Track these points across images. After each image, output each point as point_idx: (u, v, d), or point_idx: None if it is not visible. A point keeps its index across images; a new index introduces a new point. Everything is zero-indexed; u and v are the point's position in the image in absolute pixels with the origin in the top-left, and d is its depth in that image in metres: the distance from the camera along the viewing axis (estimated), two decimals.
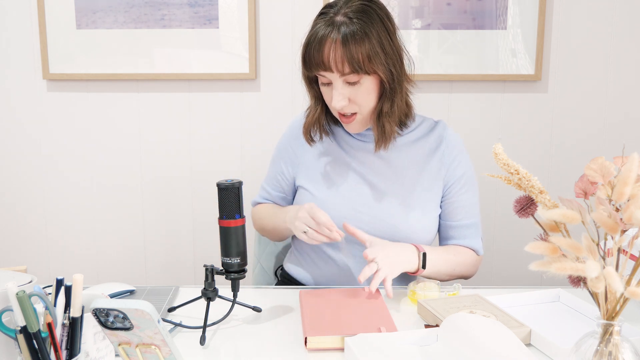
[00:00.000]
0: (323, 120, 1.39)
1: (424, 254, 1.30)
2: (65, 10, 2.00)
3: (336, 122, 1.43)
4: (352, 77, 1.26)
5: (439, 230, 1.45)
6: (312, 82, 1.36)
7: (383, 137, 1.34)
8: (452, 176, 1.40)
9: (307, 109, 1.42)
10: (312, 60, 1.27)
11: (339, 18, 1.25)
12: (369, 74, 1.26)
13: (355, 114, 1.32)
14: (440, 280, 1.35)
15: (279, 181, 1.50)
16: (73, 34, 2.01)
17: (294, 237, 1.52)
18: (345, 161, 1.42)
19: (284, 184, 1.49)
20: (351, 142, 1.42)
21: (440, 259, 1.34)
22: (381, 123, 1.33)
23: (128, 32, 2.01)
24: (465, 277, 1.43)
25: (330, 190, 1.40)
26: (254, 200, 1.57)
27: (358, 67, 1.24)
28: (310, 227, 1.26)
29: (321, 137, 1.42)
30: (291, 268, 1.50)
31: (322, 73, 1.28)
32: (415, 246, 1.32)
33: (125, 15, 2.00)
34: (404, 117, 1.38)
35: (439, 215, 1.43)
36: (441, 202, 1.42)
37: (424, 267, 1.29)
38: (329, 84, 1.30)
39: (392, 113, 1.32)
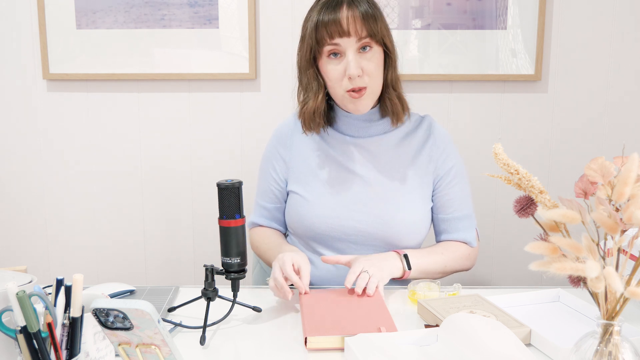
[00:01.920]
0: (324, 106, 1.38)
1: (405, 255, 1.32)
2: (65, 10, 2.00)
3: (328, 119, 1.42)
4: (367, 42, 1.30)
5: (432, 224, 1.46)
6: (310, 68, 1.35)
7: (397, 110, 1.37)
8: (442, 169, 1.42)
9: (303, 100, 1.39)
10: (328, 28, 1.29)
11: None
12: (378, 42, 1.31)
13: (365, 87, 1.32)
14: (436, 278, 1.35)
15: (272, 192, 1.48)
16: (73, 34, 2.01)
17: (287, 237, 1.53)
18: (336, 160, 1.42)
19: (278, 194, 1.48)
20: (341, 141, 1.43)
21: (427, 261, 1.35)
22: (390, 95, 1.37)
23: (128, 32, 2.01)
24: (463, 271, 1.43)
25: (321, 191, 1.40)
26: (250, 220, 1.52)
27: (374, 30, 1.29)
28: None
29: (317, 130, 1.41)
30: None
31: (337, 41, 1.29)
32: (396, 251, 1.34)
33: (125, 15, 2.00)
34: (402, 111, 1.39)
35: (431, 209, 1.43)
36: (432, 195, 1.43)
37: (409, 267, 1.31)
38: (339, 56, 1.31)
39: (396, 80, 1.37)
